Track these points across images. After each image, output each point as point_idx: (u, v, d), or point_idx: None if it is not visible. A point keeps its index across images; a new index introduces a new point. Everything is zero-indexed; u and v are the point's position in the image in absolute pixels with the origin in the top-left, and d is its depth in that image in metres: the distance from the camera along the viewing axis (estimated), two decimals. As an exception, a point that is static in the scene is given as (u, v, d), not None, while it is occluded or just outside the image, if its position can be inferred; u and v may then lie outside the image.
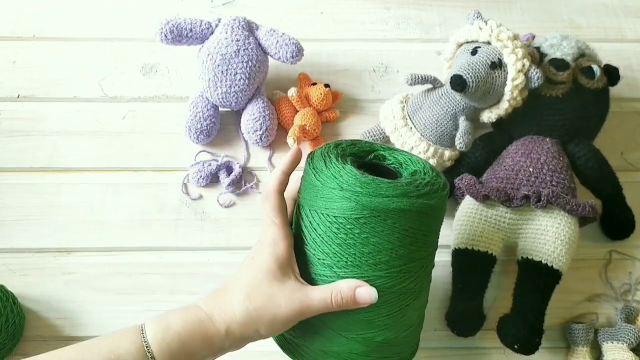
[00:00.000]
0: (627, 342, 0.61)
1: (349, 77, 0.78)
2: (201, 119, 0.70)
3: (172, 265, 0.66)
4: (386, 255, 0.45)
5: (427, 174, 0.49)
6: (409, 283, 0.47)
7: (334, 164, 0.47)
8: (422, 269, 0.48)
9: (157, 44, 0.71)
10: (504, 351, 0.62)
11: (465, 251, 0.62)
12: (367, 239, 0.45)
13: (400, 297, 0.47)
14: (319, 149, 0.50)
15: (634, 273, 0.67)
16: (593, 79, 0.67)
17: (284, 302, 0.45)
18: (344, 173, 0.46)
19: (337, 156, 0.48)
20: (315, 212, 0.46)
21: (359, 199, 0.44)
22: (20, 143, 0.72)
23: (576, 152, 0.67)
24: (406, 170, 0.50)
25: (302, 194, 0.49)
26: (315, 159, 0.49)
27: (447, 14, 0.83)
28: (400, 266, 0.46)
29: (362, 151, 0.51)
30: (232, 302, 0.45)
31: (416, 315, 0.51)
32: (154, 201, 0.69)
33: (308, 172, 0.48)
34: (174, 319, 0.45)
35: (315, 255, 0.47)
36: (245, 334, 0.45)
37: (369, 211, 0.44)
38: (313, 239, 0.47)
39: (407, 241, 0.46)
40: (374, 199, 0.44)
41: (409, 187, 0.45)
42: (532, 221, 0.62)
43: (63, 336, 0.62)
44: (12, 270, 0.65)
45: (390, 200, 0.44)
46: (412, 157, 0.51)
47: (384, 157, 0.52)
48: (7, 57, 0.78)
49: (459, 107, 0.67)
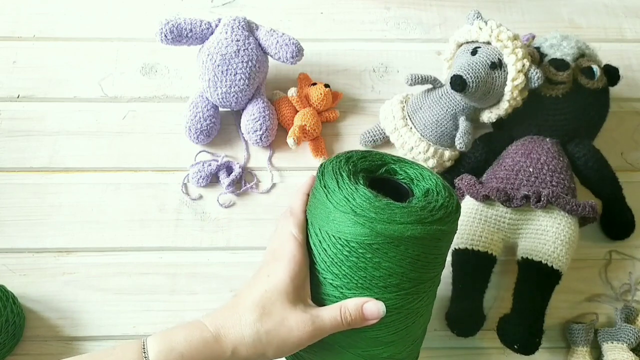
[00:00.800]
0: (627, 342, 0.61)
1: (349, 77, 0.78)
2: (201, 119, 0.70)
3: (172, 265, 0.66)
4: (397, 279, 0.45)
5: (439, 193, 0.48)
6: (417, 302, 0.47)
7: (346, 185, 0.46)
8: (430, 289, 0.48)
9: (157, 44, 0.70)
10: (504, 351, 0.62)
11: (465, 251, 0.62)
12: (378, 263, 0.44)
13: (408, 316, 0.47)
14: (329, 162, 0.49)
15: (634, 273, 0.67)
16: (593, 79, 0.67)
17: (295, 326, 0.43)
18: (357, 196, 0.45)
19: (349, 174, 0.47)
20: (326, 232, 0.45)
21: (373, 225, 0.43)
22: (20, 143, 0.72)
23: (576, 152, 0.67)
24: (417, 187, 0.49)
25: (312, 211, 0.48)
26: (326, 176, 0.47)
27: (447, 14, 0.83)
28: (410, 288, 0.46)
29: (373, 165, 0.50)
30: (242, 322, 0.43)
31: (422, 330, 0.51)
32: (154, 201, 0.69)
33: (319, 190, 0.47)
34: (178, 338, 0.42)
35: (324, 275, 0.46)
36: (251, 356, 0.43)
37: (383, 238, 0.43)
38: (322, 259, 0.46)
39: (418, 265, 0.45)
40: (388, 225, 0.43)
41: (423, 212, 0.45)
42: (532, 221, 0.62)
43: (63, 336, 0.62)
44: (12, 270, 0.65)
45: (405, 228, 0.43)
46: (424, 172, 0.51)
47: (395, 172, 0.51)
48: (7, 57, 0.78)
49: (459, 107, 0.67)
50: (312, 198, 0.48)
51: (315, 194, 0.48)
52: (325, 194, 0.46)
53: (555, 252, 0.60)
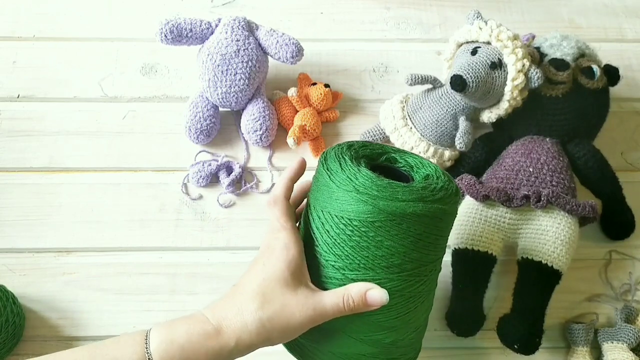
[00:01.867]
0: (627, 342, 0.61)
1: (349, 77, 0.78)
2: (201, 119, 0.70)
3: (172, 265, 0.66)
4: (399, 259, 0.45)
5: (439, 178, 0.49)
6: (419, 286, 0.47)
7: (349, 166, 0.47)
8: (431, 273, 0.48)
9: (157, 44, 0.70)
10: (504, 351, 0.62)
11: (465, 251, 0.62)
12: (381, 242, 0.45)
13: (410, 300, 0.47)
14: (332, 149, 0.50)
15: (634, 273, 0.67)
16: (593, 79, 0.67)
17: (297, 310, 0.44)
18: (359, 176, 0.45)
19: (352, 158, 0.48)
20: (328, 213, 0.46)
21: (375, 202, 0.44)
22: (20, 143, 0.72)
23: (576, 152, 0.67)
24: (418, 174, 0.50)
25: (313, 195, 0.49)
26: (329, 160, 0.48)
27: (447, 14, 0.83)
28: (413, 269, 0.46)
29: (374, 153, 0.51)
30: (243, 311, 0.44)
31: (423, 318, 0.51)
32: (154, 201, 0.69)
33: (322, 172, 0.48)
34: (179, 331, 0.43)
35: (326, 258, 0.46)
36: (256, 344, 0.44)
37: (385, 215, 0.44)
38: (325, 241, 0.46)
39: (420, 245, 0.46)
40: (391, 202, 0.44)
41: (424, 191, 0.45)
42: (532, 221, 0.62)
43: (63, 336, 0.62)
44: (12, 270, 0.65)
45: (407, 205, 0.44)
46: (423, 161, 0.52)
47: (395, 160, 0.52)
48: (7, 57, 0.78)
49: (459, 107, 0.67)
50: (315, 182, 0.49)
51: (318, 177, 0.49)
52: (328, 175, 0.47)
53: (555, 252, 0.60)
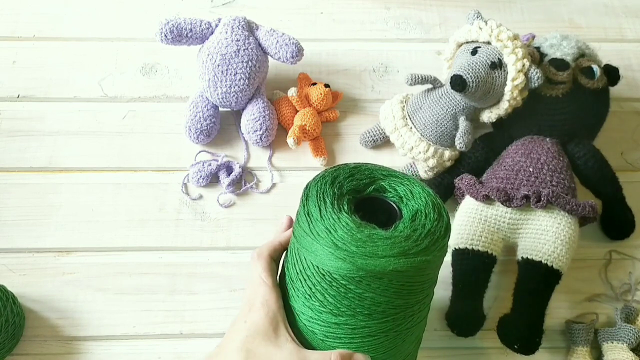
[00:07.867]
0: (627, 342, 0.61)
1: (349, 77, 0.78)
2: (201, 119, 0.70)
3: (172, 265, 0.66)
4: (381, 307, 0.44)
5: (428, 216, 0.46)
6: (405, 324, 0.46)
7: (329, 214, 0.45)
8: (420, 310, 0.48)
9: (157, 44, 0.70)
10: (504, 351, 0.62)
11: (465, 251, 0.62)
12: (361, 294, 0.44)
13: (398, 335, 0.46)
14: (315, 184, 0.48)
15: (634, 273, 0.67)
16: (593, 79, 0.67)
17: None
18: (338, 227, 0.44)
19: (334, 198, 0.46)
20: (311, 262, 0.45)
21: (354, 260, 0.42)
22: (20, 143, 0.72)
23: (576, 152, 0.67)
24: (406, 208, 0.48)
25: (296, 236, 0.47)
26: (310, 201, 0.46)
27: (447, 14, 0.84)
28: (397, 313, 0.45)
29: (361, 184, 0.49)
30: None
31: (415, 343, 0.50)
32: (154, 201, 0.69)
33: (302, 216, 0.46)
34: None
35: (307, 303, 0.46)
36: None
37: (365, 272, 0.43)
38: (308, 287, 0.45)
39: (404, 293, 0.45)
40: (370, 260, 0.42)
41: (407, 242, 0.43)
42: (532, 221, 0.62)
43: (63, 336, 0.62)
44: (12, 270, 0.65)
45: (387, 262, 0.42)
46: (414, 189, 0.49)
47: (384, 189, 0.49)
48: (7, 57, 0.78)
49: (459, 107, 0.67)
50: (296, 223, 0.47)
51: (298, 219, 0.47)
52: (308, 223, 0.45)
53: (555, 252, 0.60)
